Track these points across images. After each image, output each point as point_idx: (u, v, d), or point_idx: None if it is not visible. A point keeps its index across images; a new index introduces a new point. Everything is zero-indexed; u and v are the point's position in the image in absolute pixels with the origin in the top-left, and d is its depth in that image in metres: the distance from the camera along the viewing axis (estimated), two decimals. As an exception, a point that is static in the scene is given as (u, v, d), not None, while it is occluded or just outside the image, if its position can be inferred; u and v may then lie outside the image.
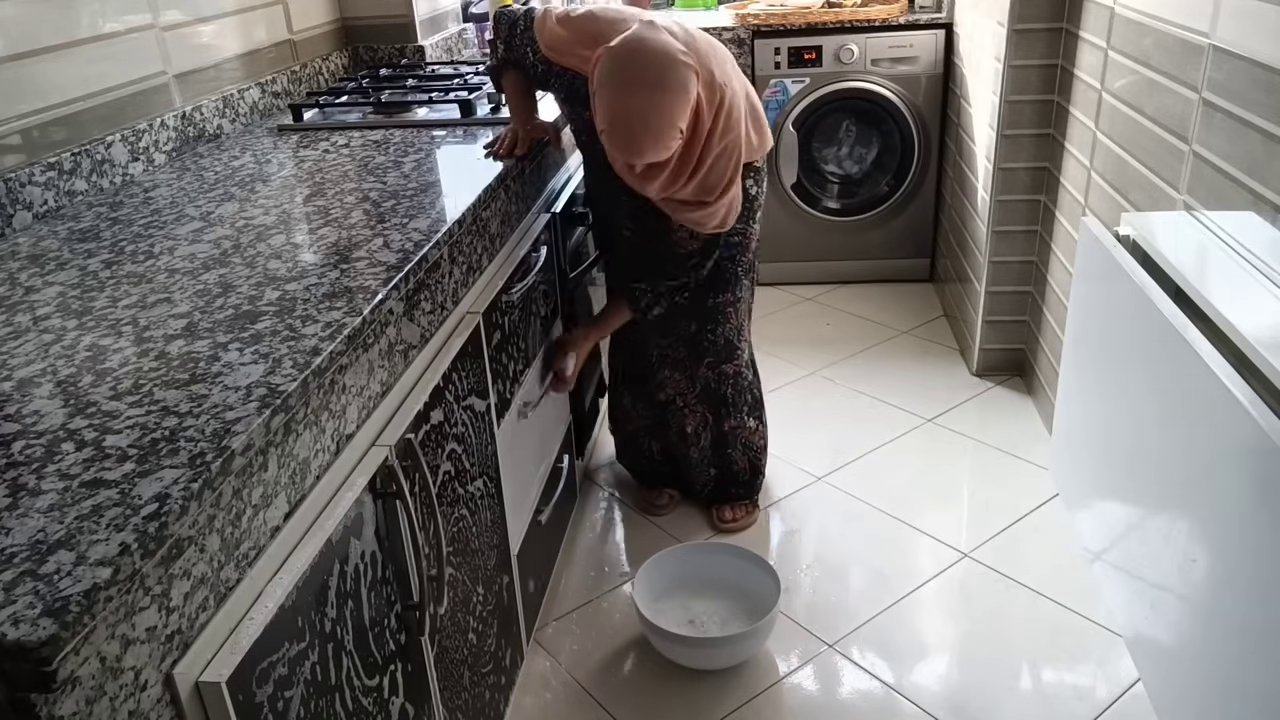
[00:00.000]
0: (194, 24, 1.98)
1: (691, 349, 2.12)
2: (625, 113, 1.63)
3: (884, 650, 1.90)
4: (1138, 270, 1.60)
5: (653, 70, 1.63)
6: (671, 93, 1.63)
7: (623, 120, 1.64)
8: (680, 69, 1.64)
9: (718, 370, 2.14)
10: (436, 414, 1.34)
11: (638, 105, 1.62)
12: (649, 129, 1.63)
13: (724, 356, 2.12)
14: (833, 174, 3.43)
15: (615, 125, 1.65)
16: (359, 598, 1.10)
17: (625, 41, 1.65)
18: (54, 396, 0.96)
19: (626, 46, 1.65)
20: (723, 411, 2.19)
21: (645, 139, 1.64)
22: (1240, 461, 1.22)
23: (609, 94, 1.65)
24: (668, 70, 1.63)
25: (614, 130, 1.66)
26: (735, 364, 2.14)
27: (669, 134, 1.65)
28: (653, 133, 1.64)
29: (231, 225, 1.45)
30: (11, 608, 0.67)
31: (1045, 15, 2.40)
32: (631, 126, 1.64)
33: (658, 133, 1.64)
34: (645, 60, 1.64)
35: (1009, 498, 2.31)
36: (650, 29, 1.69)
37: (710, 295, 2.06)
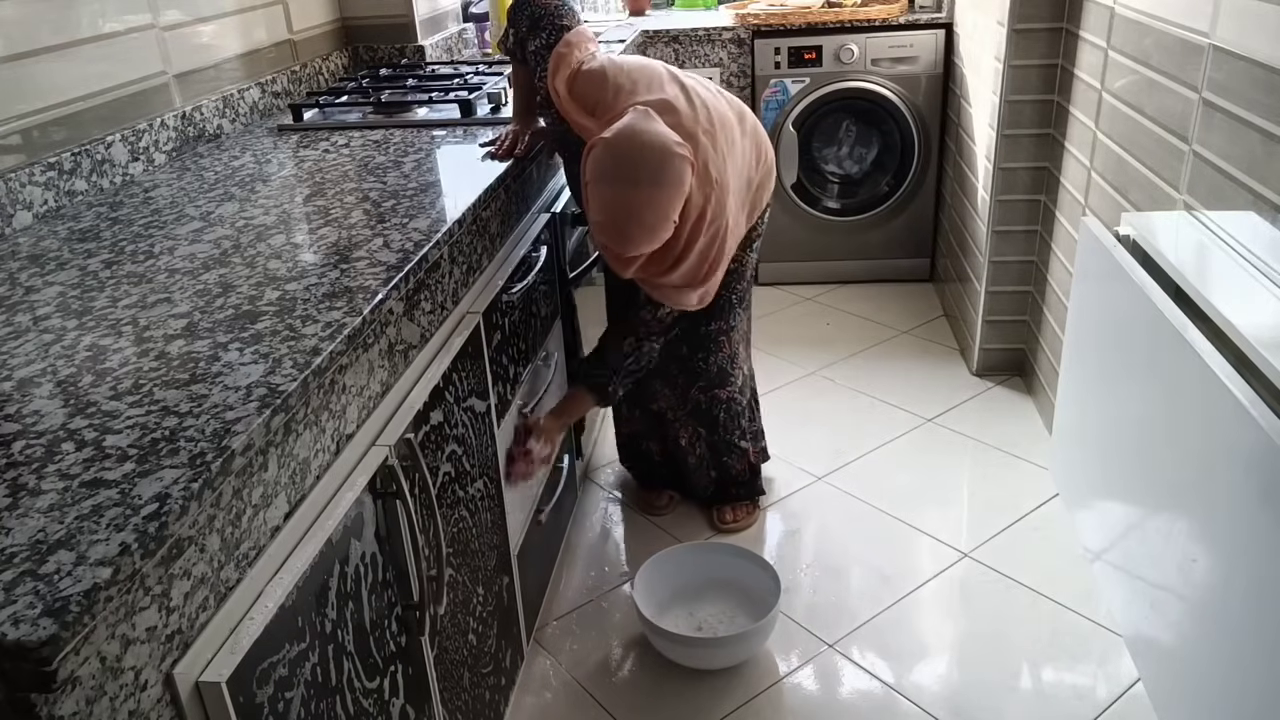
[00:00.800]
0: (194, 24, 1.98)
1: (683, 369, 2.12)
2: (619, 209, 1.61)
3: (884, 650, 1.90)
4: (1138, 270, 1.60)
5: (648, 167, 1.59)
6: (667, 188, 1.60)
7: (616, 216, 1.62)
8: (676, 163, 1.61)
9: (710, 394, 2.14)
10: (436, 415, 1.34)
11: (632, 202, 1.60)
12: (643, 225, 1.62)
13: (716, 382, 2.12)
14: (833, 174, 3.43)
15: (608, 220, 1.63)
16: (359, 598, 1.10)
17: (619, 135, 1.61)
18: (54, 396, 0.96)
19: (620, 139, 1.61)
20: (715, 434, 2.19)
21: (638, 234, 1.62)
22: (1240, 461, 1.22)
23: (604, 190, 1.62)
24: (664, 165, 1.60)
25: (607, 225, 1.64)
26: (728, 390, 2.14)
27: (663, 228, 1.64)
28: (646, 228, 1.62)
29: (231, 225, 1.45)
30: (11, 608, 0.67)
31: (1045, 15, 2.40)
32: (625, 223, 1.62)
33: (651, 228, 1.62)
34: (641, 156, 1.59)
35: (1009, 498, 2.31)
36: (645, 119, 1.63)
37: (704, 322, 2.05)
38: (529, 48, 1.83)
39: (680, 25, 3.32)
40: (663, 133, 1.62)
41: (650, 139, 1.60)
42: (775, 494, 2.39)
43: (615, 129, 1.62)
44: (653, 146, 1.59)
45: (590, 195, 1.65)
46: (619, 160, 1.60)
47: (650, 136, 1.60)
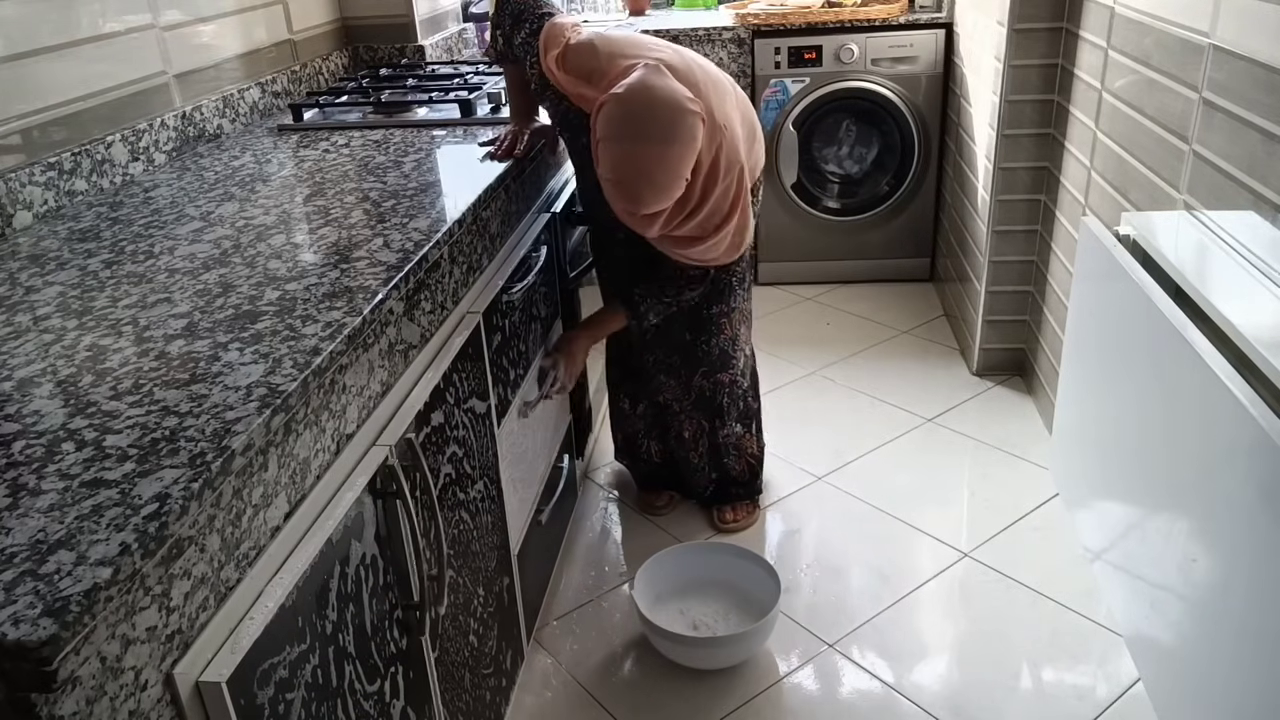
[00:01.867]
0: (194, 24, 1.98)
1: (686, 357, 2.12)
2: (633, 166, 1.59)
3: (884, 650, 1.90)
4: (1138, 270, 1.60)
5: (661, 123, 1.57)
6: (680, 144, 1.58)
7: (630, 173, 1.60)
8: (688, 119, 1.58)
9: (712, 379, 2.14)
10: (437, 416, 1.34)
11: (646, 158, 1.58)
12: (656, 182, 1.60)
13: (718, 366, 2.12)
14: (833, 174, 3.43)
15: (622, 178, 1.61)
16: (360, 599, 1.10)
17: (632, 91, 1.59)
18: (54, 396, 0.96)
19: (634, 96, 1.58)
20: (716, 421, 2.19)
21: (652, 191, 1.61)
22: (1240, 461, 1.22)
23: (616, 147, 1.60)
24: (677, 122, 1.57)
25: (620, 183, 1.62)
26: (730, 373, 2.14)
27: (676, 185, 1.62)
28: (660, 186, 1.60)
29: (231, 225, 1.45)
30: (12, 608, 0.67)
31: (1045, 15, 2.40)
32: (639, 180, 1.60)
33: (665, 185, 1.61)
34: (654, 112, 1.57)
35: (1009, 497, 2.31)
36: (656, 74, 1.62)
37: (705, 306, 2.05)
38: (515, 41, 1.84)
39: (680, 25, 3.32)
40: (675, 88, 1.60)
41: (664, 94, 1.58)
42: (775, 494, 2.39)
43: (627, 84, 1.60)
44: (666, 103, 1.57)
45: (601, 153, 1.63)
46: (631, 116, 1.58)
47: (663, 92, 1.58)
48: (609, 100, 1.60)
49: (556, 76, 1.73)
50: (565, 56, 1.73)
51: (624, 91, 1.59)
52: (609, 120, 1.60)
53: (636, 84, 1.59)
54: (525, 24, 1.82)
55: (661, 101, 1.57)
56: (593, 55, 1.71)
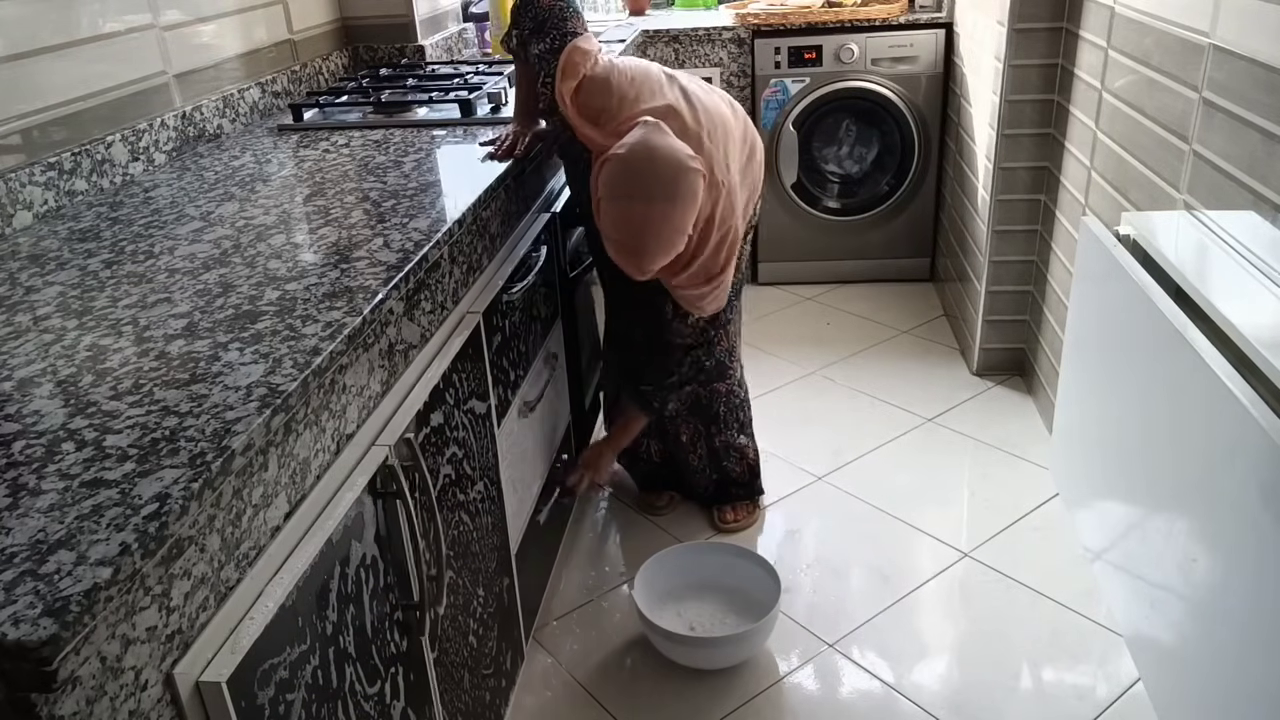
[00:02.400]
0: (194, 24, 1.98)
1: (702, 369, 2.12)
2: (636, 225, 1.61)
3: (884, 650, 1.90)
4: (1138, 270, 1.60)
5: (663, 182, 1.58)
6: (681, 203, 1.60)
7: (633, 232, 1.62)
8: (690, 177, 1.60)
9: (709, 388, 2.14)
10: (437, 417, 1.34)
11: (649, 217, 1.59)
12: (660, 240, 1.62)
13: (715, 376, 2.13)
14: (833, 174, 3.43)
15: (625, 237, 1.63)
16: (360, 599, 1.10)
17: (634, 151, 1.60)
18: (54, 396, 0.96)
19: (636, 156, 1.59)
20: (713, 429, 2.19)
21: (655, 249, 1.63)
22: (1240, 461, 1.22)
23: (618, 207, 1.61)
24: (679, 180, 1.59)
25: (623, 242, 1.64)
26: (727, 383, 2.15)
27: (679, 241, 1.64)
28: (663, 243, 1.62)
29: (231, 225, 1.45)
30: (12, 608, 0.67)
31: (1045, 15, 2.40)
32: (642, 238, 1.62)
33: (668, 243, 1.63)
34: (655, 172, 1.59)
35: (1009, 497, 2.31)
36: (658, 133, 1.62)
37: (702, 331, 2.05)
38: (532, 50, 1.80)
39: (680, 25, 3.32)
40: (676, 147, 1.61)
41: (664, 154, 1.59)
42: (775, 494, 2.39)
43: (629, 145, 1.61)
44: (667, 162, 1.59)
45: (604, 211, 1.64)
46: (633, 177, 1.59)
47: (664, 152, 1.60)
48: (611, 160, 1.62)
49: (567, 108, 1.72)
50: (579, 90, 1.72)
51: (626, 152, 1.60)
52: (611, 180, 1.62)
53: (639, 144, 1.60)
54: (546, 37, 1.78)
55: (663, 161, 1.59)
56: (605, 94, 1.70)
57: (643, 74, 1.75)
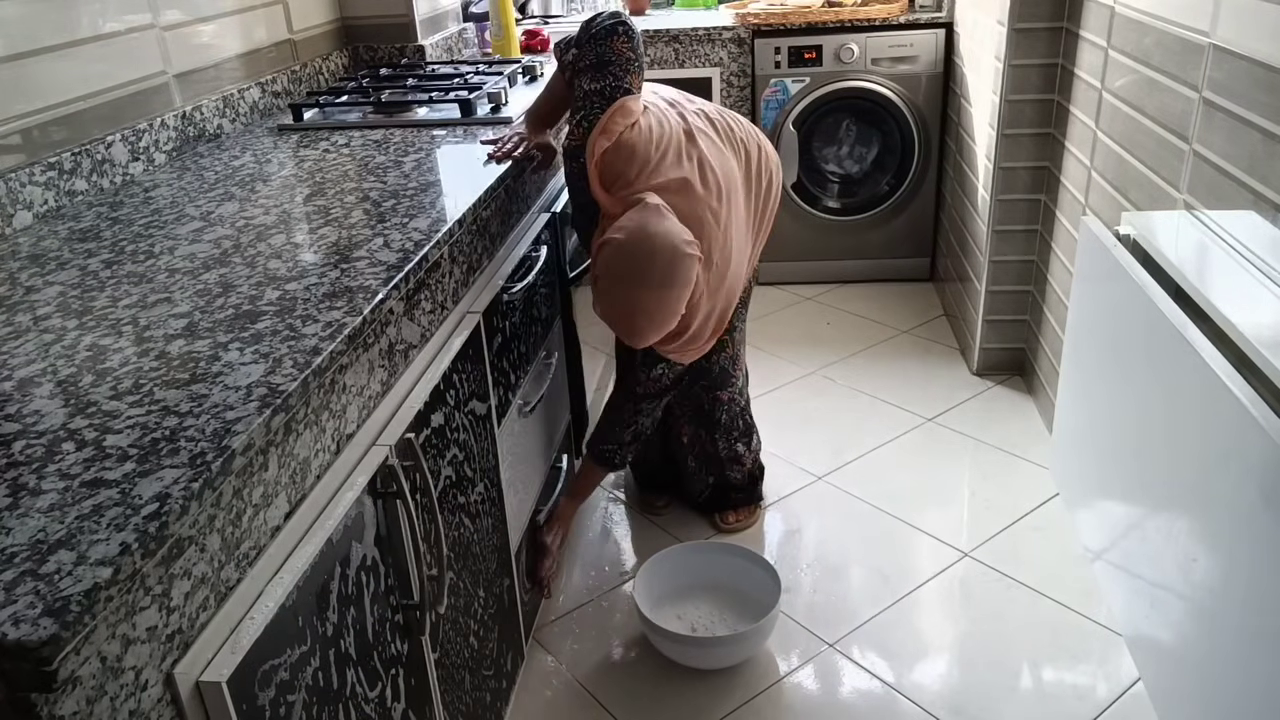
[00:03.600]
0: (194, 24, 1.98)
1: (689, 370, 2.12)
2: (629, 307, 1.63)
3: (884, 650, 1.90)
4: (1138, 269, 1.60)
5: (659, 270, 1.60)
6: (676, 288, 1.63)
7: (627, 316, 1.64)
8: (685, 263, 1.62)
9: (712, 395, 2.14)
10: (437, 418, 1.34)
11: (644, 302, 1.62)
12: (652, 322, 1.64)
13: (719, 383, 2.13)
14: (833, 173, 3.43)
15: (620, 319, 1.66)
16: (360, 600, 1.10)
17: (632, 237, 1.61)
18: (54, 396, 0.96)
19: (633, 242, 1.61)
20: (716, 435, 2.19)
21: (648, 330, 1.66)
22: (1240, 460, 1.22)
23: (614, 289, 1.63)
24: (674, 267, 1.61)
25: (618, 324, 1.67)
26: (729, 391, 2.15)
27: (671, 322, 1.67)
28: (656, 325, 1.65)
29: (232, 225, 1.45)
30: (12, 608, 0.67)
31: (1045, 14, 2.40)
32: (634, 320, 1.64)
33: (661, 324, 1.66)
34: (652, 260, 1.60)
35: (1009, 497, 2.31)
36: (657, 217, 1.62)
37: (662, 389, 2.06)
38: (582, 83, 1.74)
39: (680, 25, 3.32)
40: (672, 233, 1.62)
41: (661, 242, 1.61)
42: (775, 494, 2.39)
43: (627, 230, 1.61)
44: (664, 250, 1.60)
45: (599, 291, 1.67)
46: (630, 263, 1.61)
47: (661, 240, 1.61)
48: (610, 244, 1.63)
49: (591, 167, 1.71)
50: (606, 153, 1.70)
51: (624, 238, 1.61)
52: (609, 263, 1.63)
53: (636, 231, 1.61)
54: (603, 79, 1.72)
55: (660, 249, 1.60)
56: (629, 161, 1.69)
57: (668, 139, 1.72)
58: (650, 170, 1.69)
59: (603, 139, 1.69)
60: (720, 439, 2.19)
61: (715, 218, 1.73)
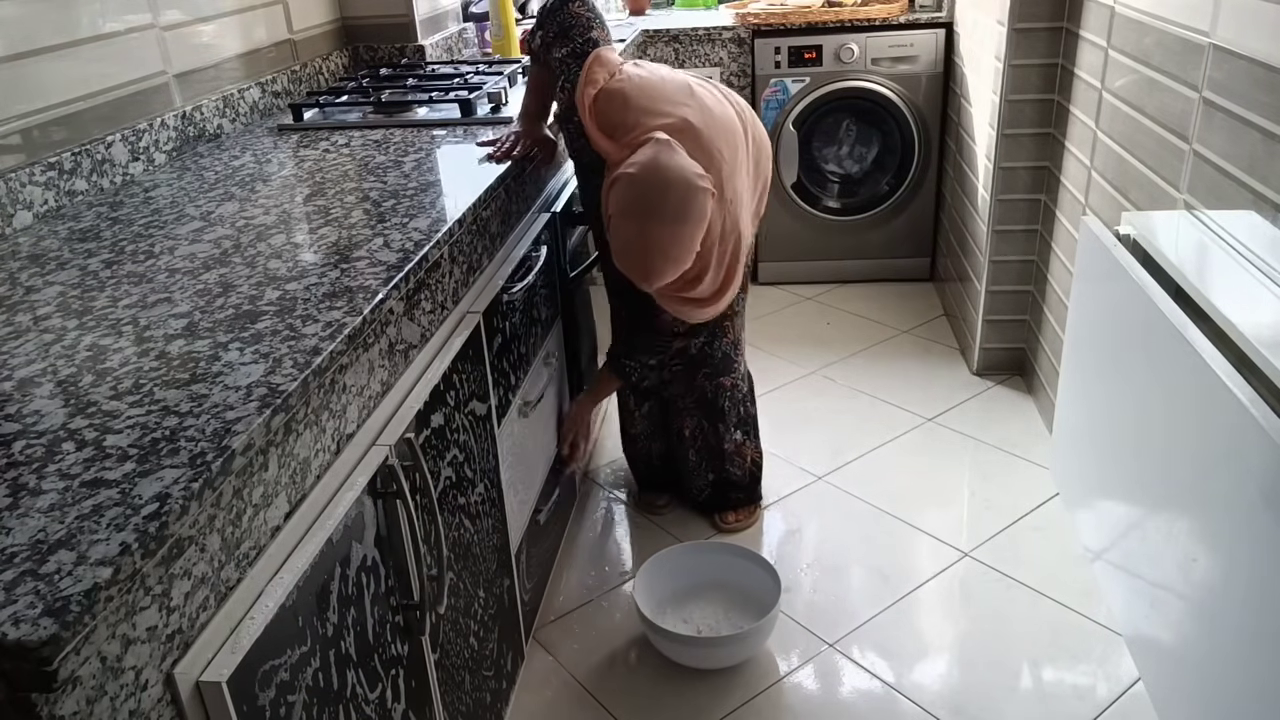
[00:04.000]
0: (194, 24, 1.98)
1: (689, 358, 2.12)
2: (644, 245, 1.62)
3: (884, 649, 1.90)
4: (1138, 269, 1.60)
5: (673, 203, 1.59)
6: (691, 223, 1.61)
7: (642, 252, 1.63)
8: (700, 197, 1.61)
9: (714, 382, 2.14)
10: (437, 418, 1.34)
11: (659, 237, 1.60)
12: (667, 259, 1.63)
13: (720, 369, 2.13)
14: (833, 173, 3.43)
15: (634, 256, 1.64)
16: (360, 600, 1.10)
17: (645, 170, 1.60)
18: (54, 396, 0.96)
19: (647, 177, 1.60)
20: (720, 425, 2.19)
21: (664, 268, 1.64)
22: (1240, 460, 1.22)
23: (628, 225, 1.62)
24: (689, 201, 1.60)
25: (633, 260, 1.65)
26: (731, 377, 2.15)
27: (686, 259, 1.65)
28: (672, 261, 1.63)
29: (232, 225, 1.45)
30: (12, 607, 0.67)
31: (1046, 14, 2.40)
32: (651, 258, 1.62)
33: (677, 261, 1.64)
34: (665, 193, 1.59)
35: (1009, 497, 2.31)
36: (669, 151, 1.62)
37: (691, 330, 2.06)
38: (555, 54, 1.82)
39: (680, 25, 3.32)
40: (686, 167, 1.61)
41: (675, 175, 1.60)
42: (775, 494, 2.39)
43: (639, 164, 1.61)
44: (677, 183, 1.59)
45: (613, 229, 1.66)
46: (643, 197, 1.60)
47: (674, 172, 1.60)
48: (622, 179, 1.62)
49: (585, 116, 1.73)
50: (598, 100, 1.72)
51: (637, 171, 1.61)
52: (622, 199, 1.62)
53: (650, 164, 1.61)
54: (570, 41, 1.80)
55: (673, 182, 1.59)
56: (623, 108, 1.71)
57: (660, 87, 1.75)
58: (650, 112, 1.70)
59: (589, 88, 1.72)
60: (722, 428, 2.19)
61: (722, 157, 1.72)
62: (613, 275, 2.15)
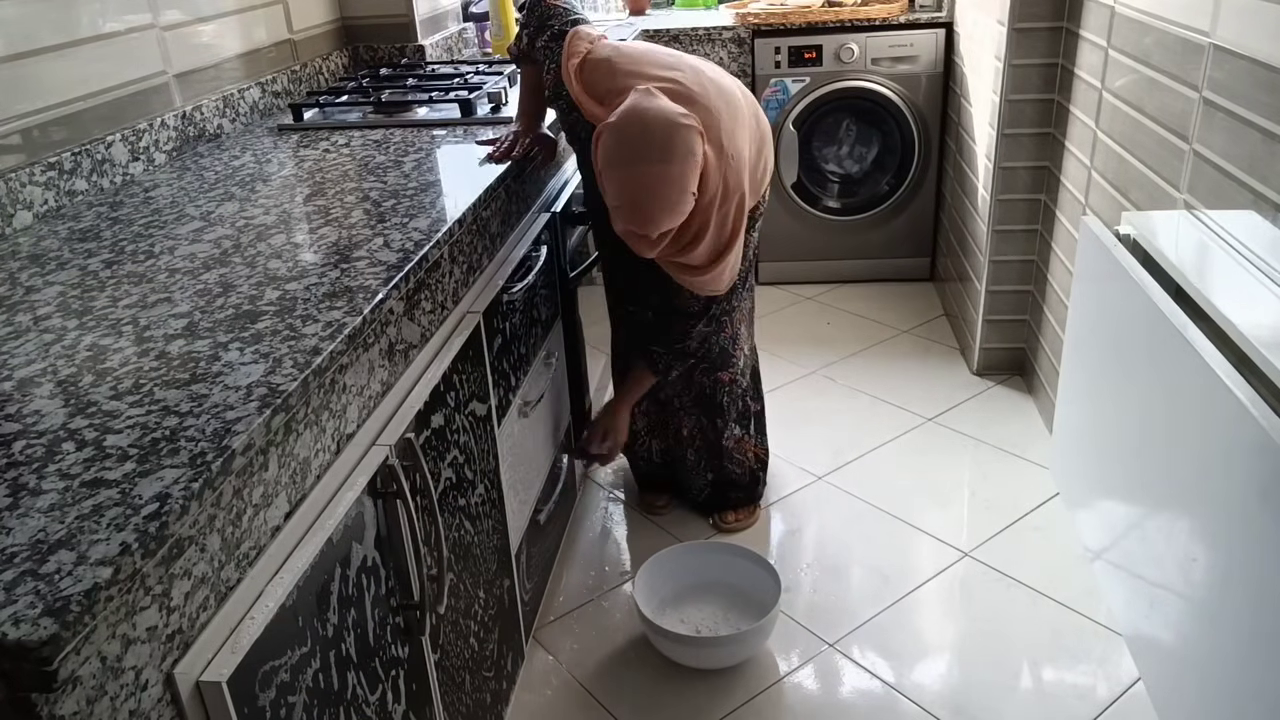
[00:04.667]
0: (194, 24, 1.98)
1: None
2: (634, 189, 1.60)
3: (884, 649, 1.90)
4: (1138, 269, 1.60)
5: (656, 142, 1.58)
6: (678, 161, 1.59)
7: (632, 196, 1.61)
8: (683, 134, 1.59)
9: (713, 376, 2.14)
10: (438, 419, 1.34)
11: (646, 179, 1.59)
12: (661, 200, 1.60)
13: (719, 364, 2.12)
14: (833, 173, 3.43)
15: (626, 202, 1.62)
16: (360, 601, 1.10)
17: (624, 116, 1.60)
18: (54, 396, 0.96)
19: (625, 121, 1.59)
20: (718, 421, 2.19)
21: (659, 211, 1.61)
22: (1240, 460, 1.22)
23: (615, 173, 1.61)
24: (671, 138, 1.58)
25: (625, 207, 1.63)
26: (730, 371, 2.14)
27: (682, 201, 1.62)
28: (666, 203, 1.60)
29: (232, 225, 1.45)
30: (12, 607, 0.67)
31: (1046, 14, 2.40)
32: (642, 201, 1.60)
33: (670, 203, 1.61)
34: (647, 133, 1.58)
35: (1009, 497, 2.31)
36: (647, 97, 1.62)
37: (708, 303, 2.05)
38: (538, 43, 1.86)
39: (680, 24, 3.32)
40: (665, 107, 1.61)
41: (653, 115, 1.59)
42: (775, 493, 2.39)
43: (618, 112, 1.62)
44: (657, 122, 1.58)
45: (604, 182, 1.64)
46: (625, 141, 1.59)
47: (653, 113, 1.59)
48: (604, 130, 1.62)
49: (572, 85, 1.74)
50: (583, 68, 1.74)
51: (616, 119, 1.60)
52: (606, 149, 1.62)
53: (627, 109, 1.61)
54: (549, 28, 1.85)
55: (654, 121, 1.58)
56: (609, 74, 1.71)
57: (647, 53, 1.77)
58: (639, 75, 1.70)
59: (572, 60, 1.74)
60: (721, 423, 2.19)
61: (718, 112, 1.70)
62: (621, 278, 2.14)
